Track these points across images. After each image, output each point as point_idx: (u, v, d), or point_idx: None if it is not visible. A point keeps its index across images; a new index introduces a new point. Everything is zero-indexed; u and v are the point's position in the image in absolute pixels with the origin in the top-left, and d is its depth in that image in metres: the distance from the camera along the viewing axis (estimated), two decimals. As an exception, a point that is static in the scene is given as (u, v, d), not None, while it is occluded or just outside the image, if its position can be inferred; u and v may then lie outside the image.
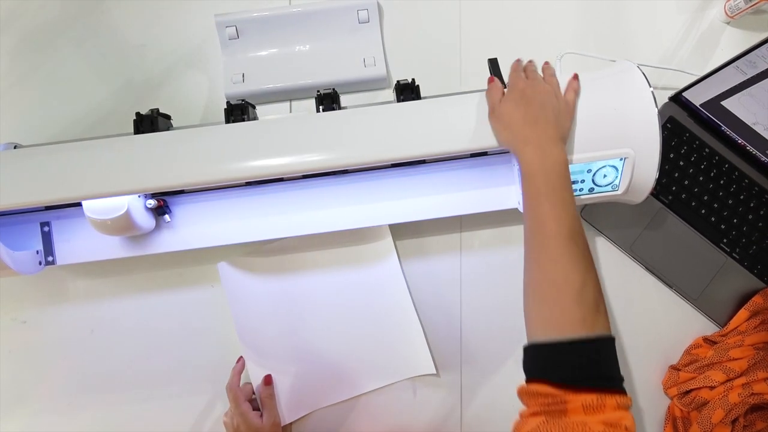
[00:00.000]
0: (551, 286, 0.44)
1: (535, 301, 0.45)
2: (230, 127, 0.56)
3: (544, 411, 0.40)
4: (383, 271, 0.68)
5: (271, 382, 0.65)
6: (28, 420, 0.67)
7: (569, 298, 0.43)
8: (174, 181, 0.54)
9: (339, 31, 0.70)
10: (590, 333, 0.42)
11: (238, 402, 0.61)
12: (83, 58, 0.73)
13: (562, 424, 0.38)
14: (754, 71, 0.61)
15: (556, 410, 0.39)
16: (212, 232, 0.63)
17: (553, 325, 0.43)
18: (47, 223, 0.62)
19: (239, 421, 0.60)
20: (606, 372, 0.41)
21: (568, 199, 0.47)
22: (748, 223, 0.70)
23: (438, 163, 0.64)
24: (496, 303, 0.69)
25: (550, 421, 0.39)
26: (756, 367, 0.62)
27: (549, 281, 0.44)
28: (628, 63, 0.57)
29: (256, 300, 0.67)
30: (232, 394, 0.62)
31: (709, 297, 0.69)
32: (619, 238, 0.70)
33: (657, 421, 0.68)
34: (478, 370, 0.68)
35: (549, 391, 0.40)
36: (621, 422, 0.38)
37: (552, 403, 0.40)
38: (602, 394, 0.39)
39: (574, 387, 0.39)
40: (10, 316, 0.69)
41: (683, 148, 0.70)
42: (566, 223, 0.45)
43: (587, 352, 0.41)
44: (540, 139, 0.48)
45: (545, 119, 0.49)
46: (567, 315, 0.42)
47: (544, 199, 0.46)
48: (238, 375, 0.64)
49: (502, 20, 0.74)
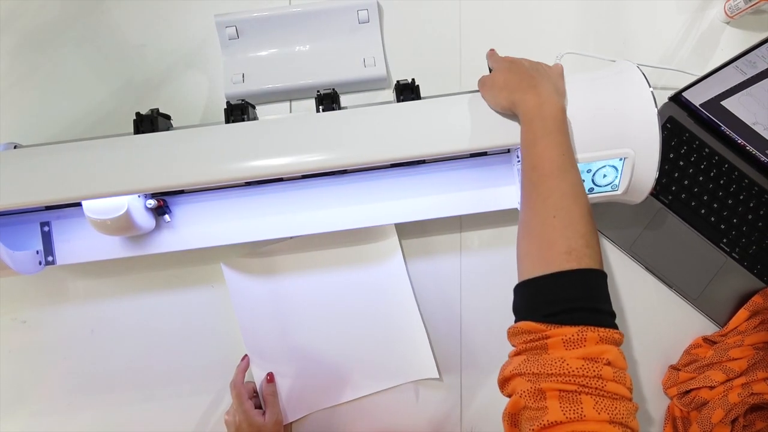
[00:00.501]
0: (539, 223, 0.43)
1: (524, 239, 0.45)
2: (230, 127, 0.56)
3: (525, 349, 0.39)
4: (388, 271, 0.68)
5: (273, 380, 0.65)
6: (28, 420, 0.67)
7: (556, 233, 0.42)
8: (174, 181, 0.54)
9: (339, 31, 0.70)
10: (576, 266, 0.40)
11: (242, 399, 0.61)
12: (83, 58, 0.73)
13: (540, 361, 0.37)
14: (754, 71, 0.61)
15: (536, 347, 0.39)
16: (212, 232, 0.63)
17: (538, 260, 0.42)
18: (47, 223, 0.62)
19: (242, 419, 0.60)
20: (591, 305, 0.39)
21: (565, 143, 0.46)
22: (748, 223, 0.70)
23: (438, 163, 0.64)
24: (496, 303, 0.69)
25: (530, 359, 0.38)
26: (756, 367, 0.62)
27: (538, 218, 0.44)
28: (628, 63, 0.57)
29: (259, 300, 0.67)
30: (235, 391, 0.62)
31: (709, 297, 0.69)
32: (619, 238, 0.70)
33: (657, 421, 0.68)
34: (478, 370, 0.68)
35: (532, 327, 0.39)
36: (602, 356, 0.37)
37: (533, 340, 0.39)
38: (584, 327, 0.38)
39: (556, 323, 0.38)
40: (10, 316, 0.69)
41: (683, 148, 0.70)
42: (558, 163, 0.45)
43: (571, 285, 0.40)
44: (538, 89, 0.49)
45: (541, 76, 0.51)
46: (553, 249, 0.41)
47: (540, 141, 0.46)
48: (242, 373, 0.64)
49: (502, 20, 0.74)
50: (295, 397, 0.66)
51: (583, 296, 0.40)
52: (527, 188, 0.46)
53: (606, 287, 0.41)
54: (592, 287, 0.40)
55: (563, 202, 0.43)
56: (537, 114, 0.48)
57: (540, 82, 0.50)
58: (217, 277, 0.69)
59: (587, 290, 0.40)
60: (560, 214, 0.42)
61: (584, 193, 0.45)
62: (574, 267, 0.40)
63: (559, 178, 0.44)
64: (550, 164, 0.45)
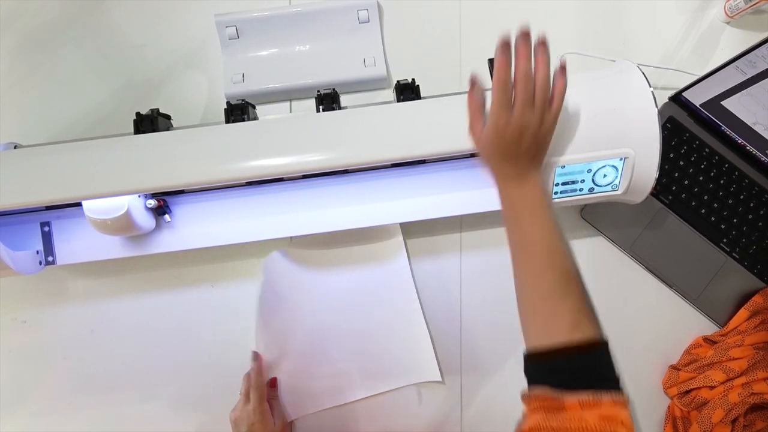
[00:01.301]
0: (539, 297, 0.46)
1: (526, 309, 0.47)
2: (230, 127, 0.56)
3: (542, 407, 0.41)
4: (393, 270, 0.68)
5: (275, 385, 0.65)
6: (28, 420, 0.67)
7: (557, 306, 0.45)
8: (174, 181, 0.54)
9: (339, 31, 0.70)
10: (582, 337, 0.43)
11: (262, 400, 0.61)
12: (83, 58, 0.73)
13: (560, 418, 0.39)
14: (754, 71, 0.61)
15: (554, 406, 0.41)
16: (212, 232, 0.63)
17: (544, 331, 0.45)
18: (47, 223, 0.62)
19: (257, 420, 0.60)
20: (601, 373, 0.43)
21: (550, 218, 0.48)
22: (748, 223, 0.70)
23: (438, 163, 0.64)
24: (496, 303, 0.69)
25: (549, 416, 0.40)
26: (756, 367, 0.62)
27: (536, 292, 0.46)
28: (628, 63, 0.57)
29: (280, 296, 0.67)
30: (259, 392, 0.61)
31: (709, 297, 0.69)
32: (619, 238, 0.70)
33: (657, 420, 0.68)
34: (478, 370, 0.68)
35: (547, 392, 0.42)
36: (617, 417, 0.39)
37: (550, 401, 0.41)
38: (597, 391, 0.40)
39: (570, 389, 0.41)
40: (10, 316, 0.69)
41: (683, 148, 0.70)
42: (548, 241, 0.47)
43: (579, 357, 0.43)
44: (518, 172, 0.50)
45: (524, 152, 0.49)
46: (557, 322, 0.44)
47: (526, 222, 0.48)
48: (261, 373, 0.64)
49: (502, 20, 0.74)
50: (297, 396, 0.66)
51: (592, 365, 0.43)
52: (520, 264, 0.48)
53: (609, 354, 0.44)
54: (598, 356, 0.43)
55: (559, 278, 0.46)
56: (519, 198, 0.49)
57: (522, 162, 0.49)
58: (217, 277, 0.69)
59: (595, 359, 0.43)
60: (558, 288, 0.45)
61: (575, 260, 0.47)
62: (581, 338, 0.43)
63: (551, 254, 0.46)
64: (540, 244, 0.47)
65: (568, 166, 0.55)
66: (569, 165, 0.54)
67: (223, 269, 0.69)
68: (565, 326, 0.44)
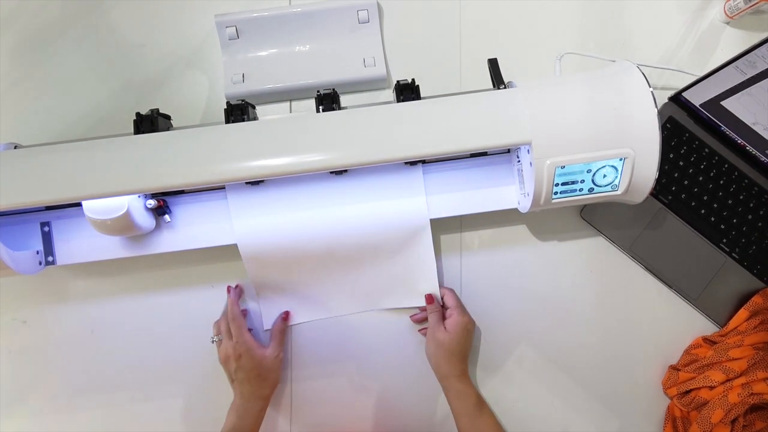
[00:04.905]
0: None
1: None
2: (230, 127, 0.56)
3: None
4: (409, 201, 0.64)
5: (287, 319, 0.66)
6: (28, 420, 0.67)
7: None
8: (174, 181, 0.54)
9: (339, 31, 0.70)
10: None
11: (242, 330, 0.61)
12: (83, 58, 0.73)
13: None
14: (753, 71, 0.61)
15: None
16: (212, 232, 0.63)
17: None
18: (47, 223, 0.62)
19: (243, 351, 0.60)
20: None
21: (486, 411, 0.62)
22: (748, 223, 0.70)
23: (438, 163, 0.64)
24: (495, 303, 0.69)
25: None
26: (756, 367, 0.62)
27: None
28: (628, 63, 0.57)
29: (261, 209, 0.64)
30: (237, 322, 0.62)
31: (709, 297, 0.69)
32: (619, 238, 0.70)
33: (657, 421, 0.68)
34: (477, 370, 0.68)
35: None
36: None
37: None
38: None
39: None
40: (10, 316, 0.69)
41: (683, 148, 0.70)
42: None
43: None
44: (455, 374, 0.62)
45: (455, 359, 0.62)
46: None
47: (479, 416, 0.61)
48: (237, 303, 0.65)
49: (502, 20, 0.74)
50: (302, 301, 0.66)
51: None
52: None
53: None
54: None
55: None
56: (466, 398, 0.61)
57: (455, 366, 0.62)
58: (218, 277, 0.69)
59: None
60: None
61: None
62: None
63: None
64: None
65: (568, 166, 0.54)
66: (569, 165, 0.54)
67: (223, 269, 0.69)
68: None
